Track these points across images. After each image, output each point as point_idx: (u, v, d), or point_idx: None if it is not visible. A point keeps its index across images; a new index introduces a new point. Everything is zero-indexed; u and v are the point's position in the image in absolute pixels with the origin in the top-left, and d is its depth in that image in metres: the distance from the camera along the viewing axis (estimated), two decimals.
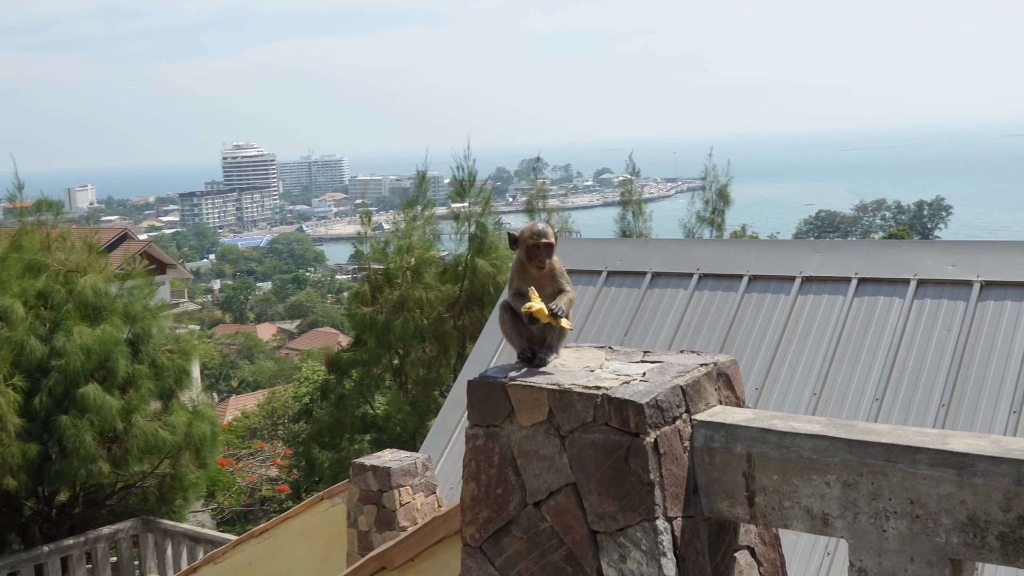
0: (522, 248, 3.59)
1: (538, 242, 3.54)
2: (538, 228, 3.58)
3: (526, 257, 3.57)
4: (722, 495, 2.99)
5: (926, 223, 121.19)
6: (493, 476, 3.21)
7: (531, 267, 3.55)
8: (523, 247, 3.58)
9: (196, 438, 16.08)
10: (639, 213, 26.61)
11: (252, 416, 34.36)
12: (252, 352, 68.32)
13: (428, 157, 23.09)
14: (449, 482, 10.18)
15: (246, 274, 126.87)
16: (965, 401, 8.29)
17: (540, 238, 3.54)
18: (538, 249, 3.54)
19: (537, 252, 3.54)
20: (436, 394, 21.93)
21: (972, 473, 2.55)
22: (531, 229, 3.60)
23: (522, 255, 3.60)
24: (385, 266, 22.00)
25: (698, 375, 3.15)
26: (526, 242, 3.56)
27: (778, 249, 10.38)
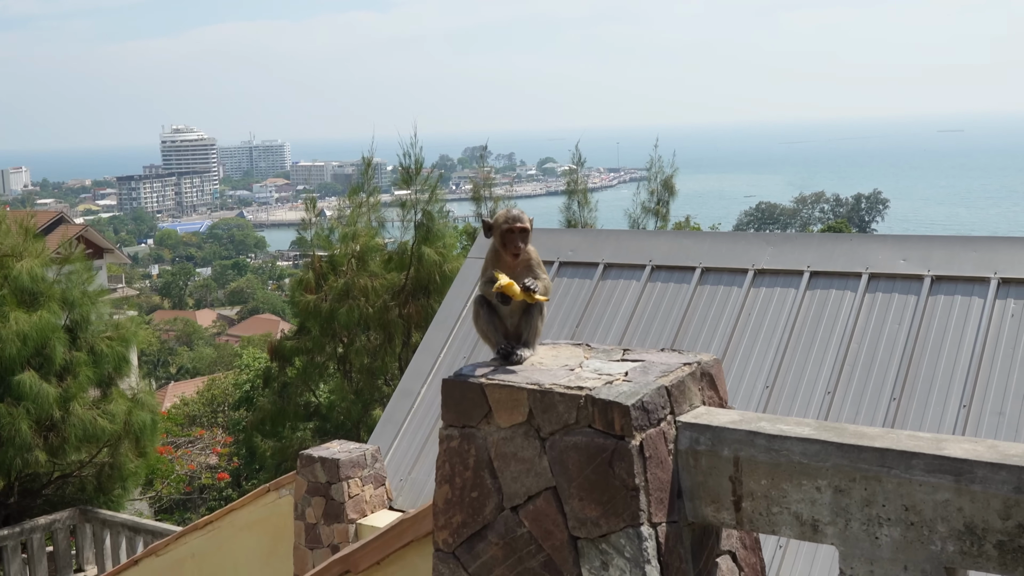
0: (497, 234, 3.45)
1: (513, 227, 3.41)
2: (513, 213, 3.46)
3: (501, 244, 3.43)
4: (707, 500, 2.89)
5: (864, 216, 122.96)
6: (468, 479, 3.08)
7: (506, 254, 3.42)
8: (498, 233, 3.44)
9: (135, 427, 15.77)
10: (584, 203, 26.60)
11: (192, 403, 33.93)
12: (191, 338, 67.43)
13: (373, 143, 22.85)
14: (398, 473, 10.04)
15: (185, 259, 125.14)
16: (916, 395, 8.31)
17: (515, 223, 3.42)
18: (513, 234, 3.42)
19: (512, 238, 3.41)
20: (380, 383, 21.74)
21: (970, 479, 2.48)
22: (506, 214, 3.46)
23: (497, 242, 3.46)
24: (329, 253, 21.74)
25: (682, 375, 3.04)
26: (500, 227, 3.43)
27: (731, 241, 10.35)
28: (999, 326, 8.31)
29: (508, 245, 3.42)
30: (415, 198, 21.55)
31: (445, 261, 20.87)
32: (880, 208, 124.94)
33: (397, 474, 10.03)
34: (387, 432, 10.35)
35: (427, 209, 21.39)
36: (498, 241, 3.46)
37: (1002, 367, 8.08)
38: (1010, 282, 8.49)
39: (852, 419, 8.35)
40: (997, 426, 7.84)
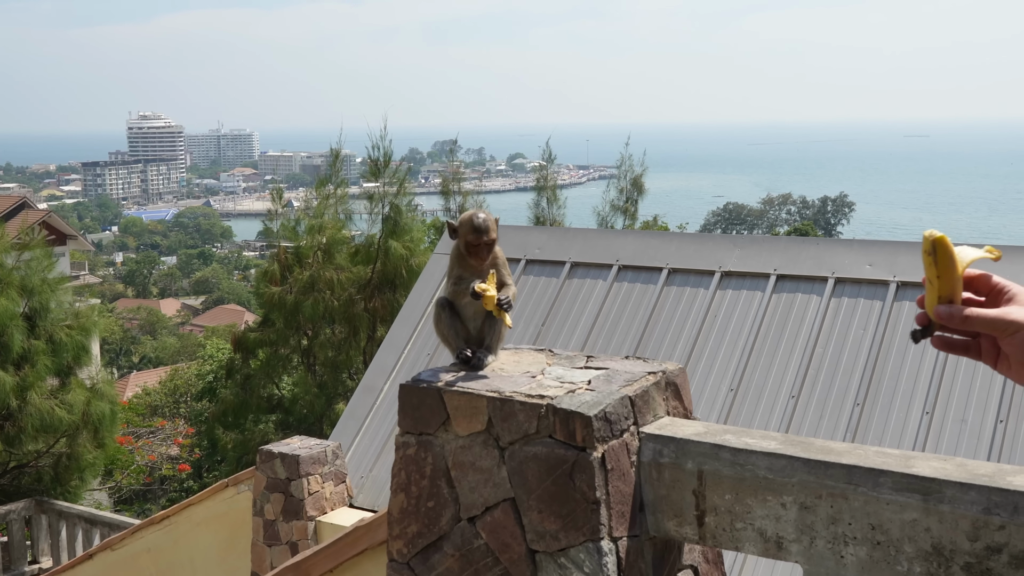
0: (461, 242, 3.29)
1: (479, 240, 3.25)
2: (478, 221, 3.25)
3: (465, 251, 3.29)
4: (670, 513, 2.81)
5: (830, 219, 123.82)
6: (424, 488, 2.98)
7: (472, 261, 3.27)
8: (462, 241, 3.29)
9: (94, 417, 15.57)
10: (554, 200, 26.55)
11: (153, 393, 33.64)
12: (155, 328, 66.83)
13: (342, 135, 22.68)
14: (359, 470, 9.93)
15: (150, 248, 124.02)
16: (879, 400, 8.31)
17: (481, 236, 3.24)
18: (479, 248, 3.26)
19: (478, 251, 3.26)
20: (344, 377, 21.61)
21: (939, 499, 2.42)
22: (471, 223, 3.26)
23: (460, 247, 3.31)
24: (295, 245, 21.58)
25: (646, 384, 2.96)
26: (465, 237, 3.27)
27: (698, 243, 10.32)
28: None
29: (472, 256, 3.27)
30: (383, 191, 21.42)
31: (412, 255, 20.77)
32: (846, 211, 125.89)
33: (358, 471, 9.92)
34: (349, 428, 10.24)
35: (395, 202, 21.26)
36: (462, 247, 3.30)
37: (965, 374, 8.09)
38: None
39: (816, 423, 8.34)
40: (959, 433, 7.86)
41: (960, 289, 1.80)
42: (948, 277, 1.80)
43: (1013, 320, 1.75)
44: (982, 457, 7.61)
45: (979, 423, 7.81)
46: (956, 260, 1.80)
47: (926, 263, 1.81)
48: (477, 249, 3.23)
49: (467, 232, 3.24)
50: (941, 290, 1.81)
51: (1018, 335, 1.74)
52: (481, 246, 3.23)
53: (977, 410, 7.88)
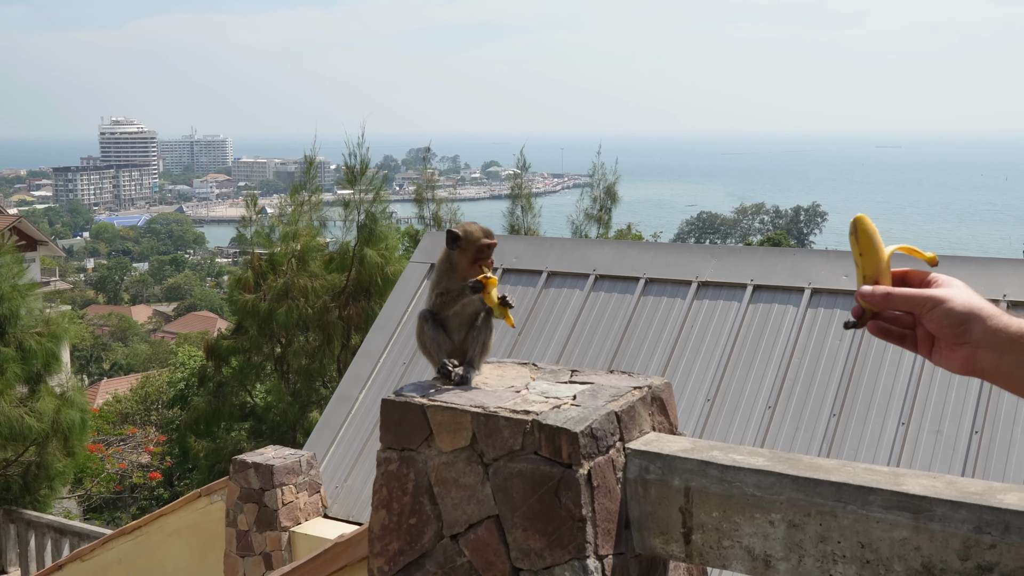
0: (471, 248, 3.25)
1: (493, 243, 3.29)
2: (485, 228, 3.32)
3: (475, 257, 3.25)
4: (656, 531, 2.78)
5: (802, 228, 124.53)
6: (406, 504, 2.93)
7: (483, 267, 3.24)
8: (475, 247, 3.24)
9: (64, 425, 15.39)
10: (528, 208, 26.52)
11: (124, 400, 33.35)
12: (126, 334, 66.30)
13: (316, 142, 22.59)
14: (334, 481, 9.85)
15: (122, 254, 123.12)
16: (855, 411, 8.33)
17: (492, 238, 3.30)
18: (490, 250, 3.28)
19: (489, 253, 3.27)
20: (318, 385, 21.48)
21: (929, 518, 2.39)
22: (481, 228, 3.29)
23: (468, 256, 3.26)
24: (269, 252, 21.43)
25: (632, 400, 2.93)
26: (479, 241, 3.25)
27: (675, 253, 10.33)
28: None
29: (482, 259, 3.26)
30: (359, 198, 21.33)
31: (387, 263, 20.68)
32: (818, 221, 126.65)
33: (333, 481, 9.84)
34: (323, 438, 10.16)
35: (370, 210, 21.18)
36: (471, 255, 3.27)
37: (940, 385, 8.12)
38: None
39: (792, 434, 8.34)
40: (935, 444, 7.88)
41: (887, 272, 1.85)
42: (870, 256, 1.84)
43: (931, 295, 1.80)
44: (958, 467, 7.63)
45: (954, 434, 7.84)
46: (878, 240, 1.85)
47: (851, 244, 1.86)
48: (489, 252, 3.26)
49: (481, 236, 3.25)
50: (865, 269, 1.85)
51: (937, 309, 1.78)
52: (491, 248, 3.26)
53: (952, 421, 7.90)
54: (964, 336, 1.78)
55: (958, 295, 1.80)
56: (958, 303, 1.78)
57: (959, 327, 1.78)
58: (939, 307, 1.78)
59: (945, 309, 1.78)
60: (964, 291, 1.83)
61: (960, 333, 1.78)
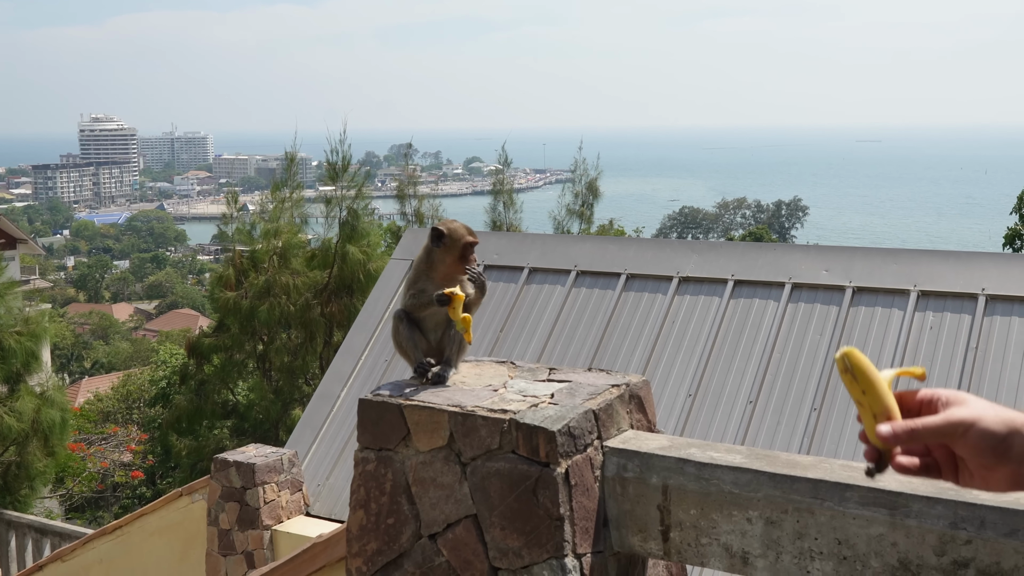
0: (456, 247, 3.25)
1: (476, 241, 3.29)
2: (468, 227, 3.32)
3: (460, 257, 3.25)
4: (634, 529, 2.78)
5: (784, 222, 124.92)
6: (384, 504, 2.92)
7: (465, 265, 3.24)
8: (459, 245, 3.25)
9: (44, 425, 15.30)
10: (510, 203, 26.52)
11: (106, 399, 33.19)
12: (107, 332, 65.97)
13: (298, 138, 22.53)
14: (316, 479, 9.82)
15: (102, 251, 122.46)
16: (836, 406, 8.35)
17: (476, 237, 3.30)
18: (473, 248, 3.28)
19: (471, 251, 3.28)
20: (301, 382, 21.43)
21: (905, 514, 2.40)
22: (466, 228, 3.29)
23: (453, 254, 3.26)
24: (251, 249, 21.35)
25: (610, 398, 2.92)
26: (464, 239, 3.25)
27: (656, 248, 10.33)
28: (918, 338, 8.40)
29: (466, 258, 3.27)
30: (341, 195, 21.28)
31: (369, 260, 20.64)
32: (800, 215, 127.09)
33: (315, 479, 9.81)
34: (305, 436, 10.12)
35: (352, 207, 21.13)
36: (456, 253, 3.27)
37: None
38: (929, 295, 8.59)
39: (773, 429, 8.36)
40: None
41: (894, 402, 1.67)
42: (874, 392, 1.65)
43: (959, 420, 1.61)
44: None
45: None
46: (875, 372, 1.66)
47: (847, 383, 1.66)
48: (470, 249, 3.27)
49: (466, 234, 3.25)
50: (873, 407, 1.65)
51: (969, 433, 1.61)
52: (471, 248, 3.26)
53: None
54: (1006, 454, 1.61)
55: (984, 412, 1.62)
56: (990, 421, 1.61)
57: (1000, 446, 1.60)
58: (972, 430, 1.60)
59: (980, 431, 1.60)
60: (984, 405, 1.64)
61: (1001, 452, 1.61)
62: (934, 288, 8.60)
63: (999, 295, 8.35)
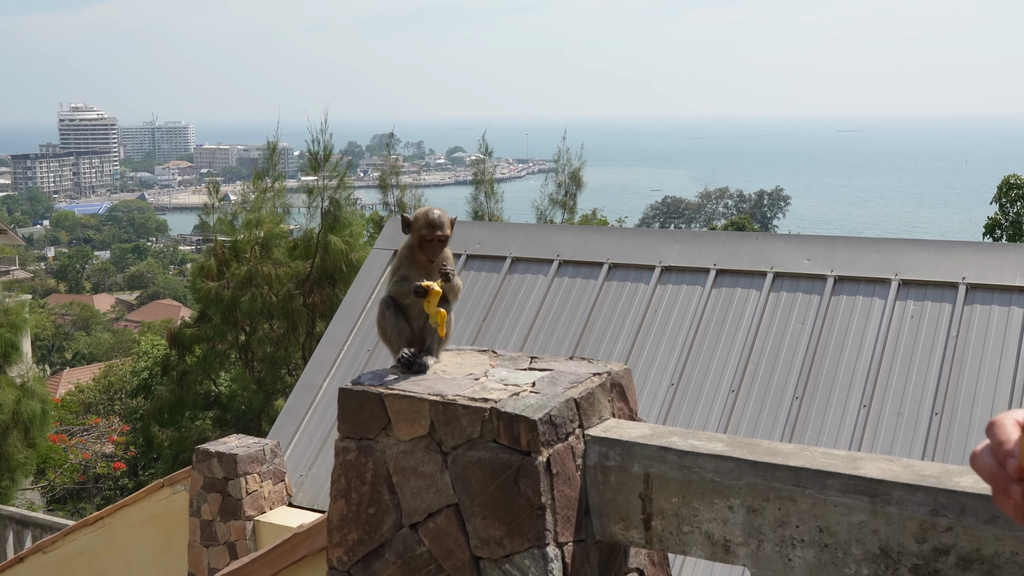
0: (415, 237, 3.24)
1: (433, 235, 3.21)
2: (434, 217, 3.22)
3: (418, 247, 3.23)
4: (616, 517, 2.77)
5: (766, 212, 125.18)
6: (365, 494, 2.91)
7: (422, 256, 3.22)
8: (416, 236, 3.23)
9: (25, 416, 15.25)
10: (492, 193, 26.46)
11: (87, 390, 33.01)
12: (88, 323, 65.59)
13: (280, 128, 22.45)
14: (298, 469, 9.80)
15: (83, 242, 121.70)
16: (818, 394, 8.38)
17: (435, 230, 3.21)
18: (432, 244, 3.22)
19: (431, 246, 3.22)
20: (283, 372, 21.37)
21: (886, 501, 2.40)
22: (426, 218, 3.23)
23: (414, 242, 3.25)
24: (232, 239, 21.26)
25: (592, 386, 2.91)
26: (420, 232, 3.22)
27: (638, 238, 10.33)
28: (899, 327, 8.43)
29: (426, 251, 3.23)
30: (323, 185, 21.21)
31: (352, 250, 20.59)
32: (782, 205, 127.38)
33: (297, 470, 9.79)
34: (287, 426, 10.10)
35: (334, 197, 21.06)
36: (415, 242, 3.26)
37: (901, 367, 8.19)
38: (910, 283, 8.62)
39: (756, 417, 8.38)
40: (896, 426, 7.95)
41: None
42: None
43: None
44: (918, 448, 7.70)
45: (915, 416, 7.91)
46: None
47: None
48: (430, 244, 3.20)
49: (422, 226, 3.21)
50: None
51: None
52: (434, 242, 3.20)
53: (913, 403, 7.97)
54: None
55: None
56: None
57: None
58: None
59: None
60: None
61: None
62: (915, 277, 8.64)
63: (979, 284, 8.40)
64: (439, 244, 3.24)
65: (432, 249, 3.22)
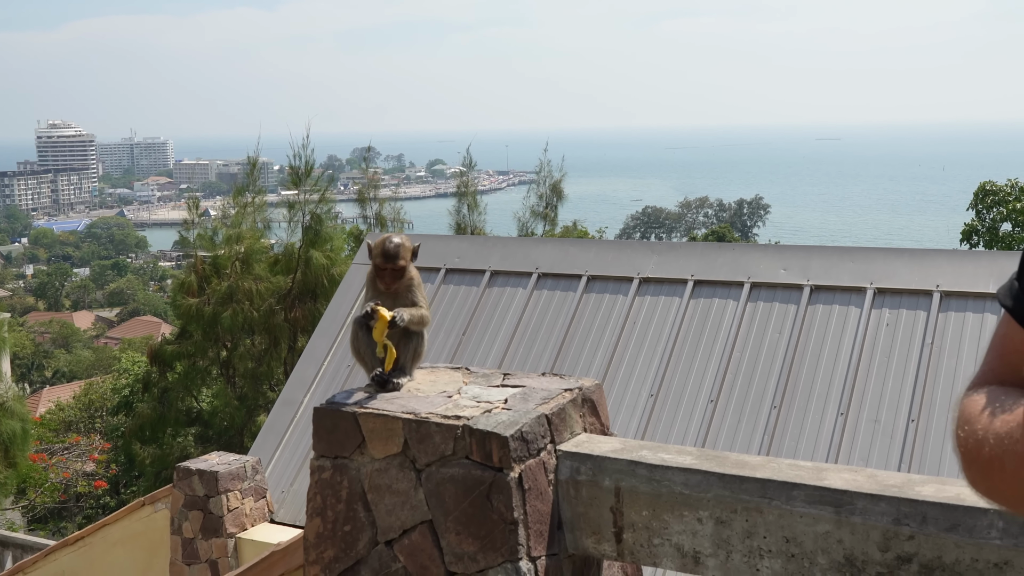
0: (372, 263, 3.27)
1: (386, 266, 3.23)
2: (389, 247, 3.21)
3: (376, 275, 3.26)
4: (588, 531, 2.81)
5: (746, 221, 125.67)
6: (341, 512, 2.94)
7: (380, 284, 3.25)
8: (373, 263, 3.27)
9: (4, 436, 15.17)
10: (474, 206, 26.50)
11: (67, 408, 32.82)
12: (68, 341, 65.21)
13: (260, 143, 22.43)
14: (280, 485, 9.79)
15: (62, 259, 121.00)
16: (796, 403, 8.43)
17: (388, 263, 3.22)
18: (385, 273, 3.24)
19: (384, 276, 3.24)
20: (265, 388, 21.33)
21: (850, 511, 2.45)
22: (381, 247, 3.23)
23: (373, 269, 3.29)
24: (213, 255, 21.23)
25: (563, 402, 2.96)
26: (375, 261, 3.25)
27: (616, 249, 10.39)
28: (875, 335, 8.50)
29: (383, 280, 3.26)
30: (304, 199, 21.21)
31: (333, 264, 20.59)
32: (761, 213, 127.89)
33: (279, 486, 9.78)
34: (268, 443, 10.08)
35: (315, 211, 21.07)
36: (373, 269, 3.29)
37: (877, 375, 8.26)
38: (885, 292, 8.70)
39: (734, 427, 8.43)
40: (873, 433, 8.01)
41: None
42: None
43: None
44: (895, 455, 7.77)
45: (892, 423, 7.98)
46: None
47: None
48: (383, 274, 3.22)
49: (376, 256, 3.24)
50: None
51: None
52: (387, 272, 3.21)
53: (890, 410, 8.04)
54: None
55: None
56: None
57: None
58: None
59: None
60: None
61: None
62: (890, 285, 8.71)
63: (953, 291, 8.48)
64: (392, 274, 3.24)
65: (386, 278, 3.24)
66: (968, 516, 2.30)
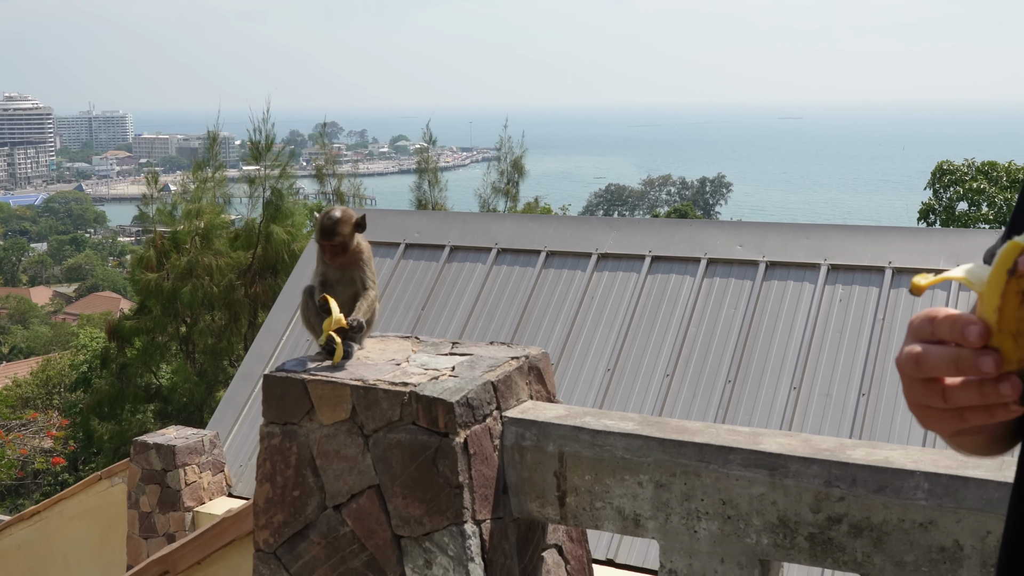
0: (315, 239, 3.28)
1: (323, 243, 3.23)
2: (326, 223, 3.18)
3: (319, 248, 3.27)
4: (532, 495, 2.88)
5: (708, 199, 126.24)
6: (290, 477, 2.99)
7: (324, 257, 3.25)
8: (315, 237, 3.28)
9: None
10: (435, 182, 26.46)
11: (24, 384, 32.53)
12: (25, 317, 64.51)
13: (220, 117, 22.25)
14: (238, 459, 9.81)
15: (19, 234, 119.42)
16: (750, 377, 8.55)
17: (325, 239, 3.21)
18: (324, 249, 3.25)
19: (323, 250, 3.25)
20: (226, 364, 21.27)
21: (784, 474, 2.53)
22: (322, 222, 3.21)
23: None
24: (172, 230, 21.09)
25: (509, 369, 3.01)
26: (315, 235, 3.27)
27: (575, 226, 10.46)
28: (828, 311, 8.64)
29: (326, 253, 3.26)
30: (264, 174, 21.10)
31: (294, 240, 20.54)
32: (724, 191, 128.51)
33: (237, 460, 9.79)
34: (227, 417, 10.09)
35: (276, 187, 20.98)
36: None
37: (830, 350, 8.39)
38: (838, 268, 8.83)
39: (690, 401, 8.55)
40: (824, 407, 8.16)
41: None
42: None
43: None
44: (846, 428, 7.92)
45: (843, 397, 8.12)
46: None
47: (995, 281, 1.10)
48: (324, 249, 3.23)
49: (317, 230, 3.24)
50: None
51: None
52: (327, 247, 3.22)
53: (841, 384, 8.18)
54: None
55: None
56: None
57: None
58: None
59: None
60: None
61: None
62: (843, 262, 8.84)
63: (905, 267, 8.62)
64: (332, 249, 3.24)
65: (328, 253, 3.24)
66: (895, 478, 2.38)
